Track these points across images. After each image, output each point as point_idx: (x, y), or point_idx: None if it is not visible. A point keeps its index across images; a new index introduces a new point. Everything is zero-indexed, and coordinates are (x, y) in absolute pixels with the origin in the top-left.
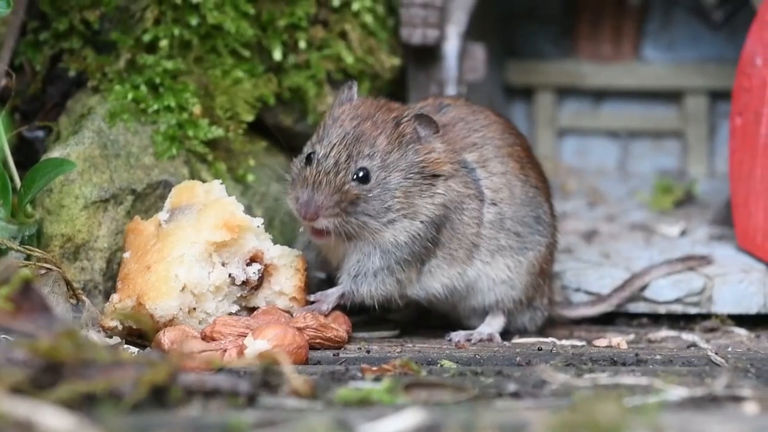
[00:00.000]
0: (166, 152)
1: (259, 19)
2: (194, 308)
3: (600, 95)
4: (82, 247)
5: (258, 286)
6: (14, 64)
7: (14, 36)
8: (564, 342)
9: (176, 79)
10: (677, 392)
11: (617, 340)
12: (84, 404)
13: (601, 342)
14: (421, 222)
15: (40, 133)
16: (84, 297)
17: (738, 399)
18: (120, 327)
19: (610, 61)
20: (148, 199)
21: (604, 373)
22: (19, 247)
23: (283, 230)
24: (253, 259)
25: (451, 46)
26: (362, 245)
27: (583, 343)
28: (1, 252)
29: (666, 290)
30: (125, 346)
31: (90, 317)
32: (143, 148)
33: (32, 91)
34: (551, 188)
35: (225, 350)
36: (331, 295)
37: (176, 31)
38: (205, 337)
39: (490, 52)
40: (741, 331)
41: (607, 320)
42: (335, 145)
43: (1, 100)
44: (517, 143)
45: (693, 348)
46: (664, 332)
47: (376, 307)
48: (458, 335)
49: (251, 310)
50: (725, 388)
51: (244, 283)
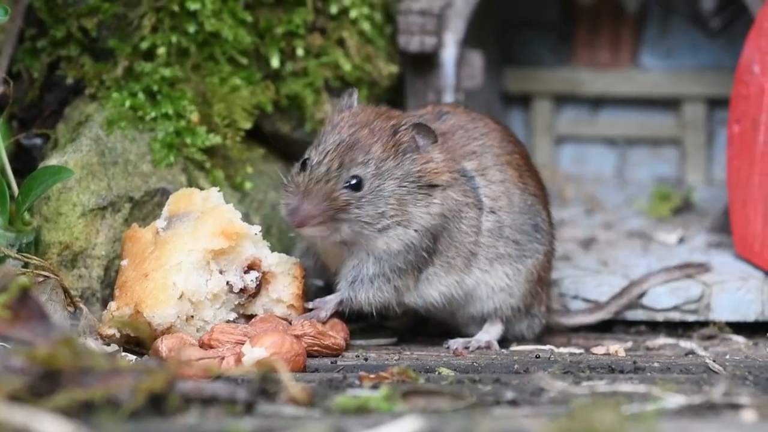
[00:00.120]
0: (164, 160)
1: (257, 27)
2: (192, 316)
3: (598, 102)
4: (80, 254)
5: (256, 293)
6: (12, 72)
7: (12, 43)
8: (562, 350)
9: (174, 86)
10: (675, 400)
11: (615, 347)
12: (82, 412)
13: (599, 349)
14: (414, 230)
15: (38, 141)
16: (81, 305)
17: (736, 406)
18: (118, 335)
19: (607, 69)
20: (145, 206)
21: (602, 380)
22: (16, 255)
23: (280, 238)
24: (250, 267)
25: (449, 54)
26: (358, 251)
27: (581, 350)
28: None
29: (664, 298)
30: (123, 353)
31: (88, 325)
32: (141, 156)
33: (30, 98)
34: (549, 196)
35: (223, 358)
36: (330, 302)
37: (174, 39)
38: (202, 345)
39: (487, 60)
40: (739, 339)
41: (605, 328)
42: (329, 152)
43: None
44: (516, 151)
45: (691, 355)
46: (662, 340)
47: (374, 314)
48: (456, 343)
49: (249, 317)
50: (723, 396)
51: (242, 290)
